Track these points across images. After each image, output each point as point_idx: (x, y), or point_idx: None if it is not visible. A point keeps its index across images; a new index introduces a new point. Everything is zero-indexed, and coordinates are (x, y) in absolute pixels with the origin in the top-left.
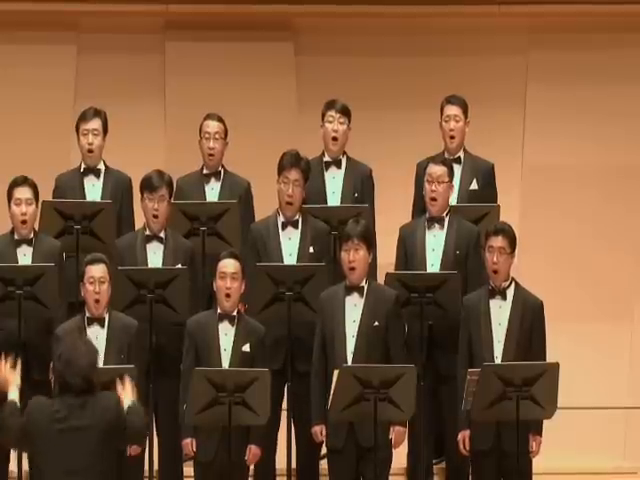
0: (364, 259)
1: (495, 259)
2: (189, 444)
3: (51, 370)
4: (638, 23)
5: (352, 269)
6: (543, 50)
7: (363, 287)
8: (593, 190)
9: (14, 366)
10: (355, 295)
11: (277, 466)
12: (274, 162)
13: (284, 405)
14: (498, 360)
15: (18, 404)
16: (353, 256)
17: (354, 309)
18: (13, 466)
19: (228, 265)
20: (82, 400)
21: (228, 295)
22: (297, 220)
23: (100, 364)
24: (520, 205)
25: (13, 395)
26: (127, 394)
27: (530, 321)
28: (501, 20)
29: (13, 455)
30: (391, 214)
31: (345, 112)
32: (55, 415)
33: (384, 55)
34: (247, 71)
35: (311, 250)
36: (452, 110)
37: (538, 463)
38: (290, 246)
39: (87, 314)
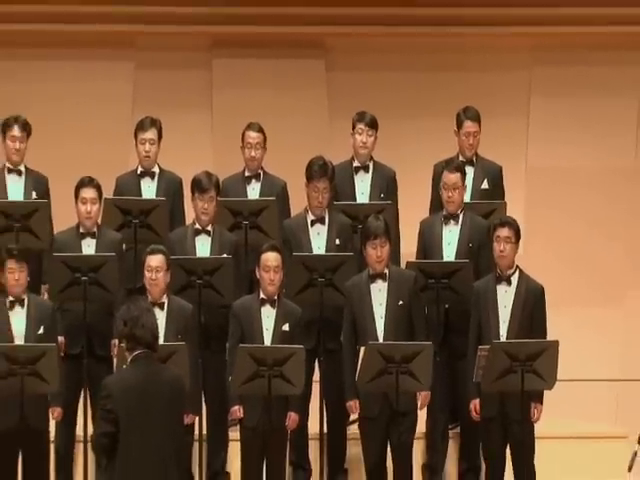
0: (388, 252)
1: (502, 247)
2: (237, 410)
3: (112, 346)
4: (631, 42)
5: (380, 262)
6: (545, 66)
7: (385, 273)
8: (589, 189)
9: None
10: (379, 281)
11: (309, 431)
12: (303, 164)
13: (315, 378)
14: (503, 338)
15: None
16: (380, 252)
17: (379, 293)
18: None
19: (271, 259)
20: (157, 366)
21: (271, 284)
22: (324, 217)
23: (160, 342)
24: (524, 202)
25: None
26: None
27: (532, 304)
28: (507, 40)
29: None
30: (411, 209)
31: (373, 124)
32: (134, 380)
33: (404, 70)
34: (284, 85)
35: (337, 242)
36: (471, 127)
37: (539, 428)
38: (319, 240)
39: (149, 299)
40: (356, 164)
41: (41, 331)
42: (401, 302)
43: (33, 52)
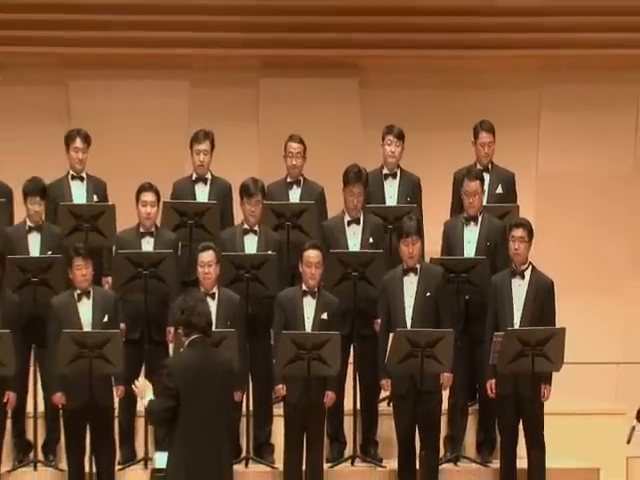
0: (419, 249)
1: (517, 246)
2: (280, 389)
3: (167, 333)
4: (629, 64)
5: (411, 258)
6: (553, 84)
7: (417, 268)
8: (592, 192)
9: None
10: (411, 275)
11: (345, 407)
12: (340, 172)
13: (350, 360)
14: (517, 326)
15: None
16: (412, 249)
17: (410, 286)
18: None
19: (312, 255)
20: (210, 349)
21: (312, 277)
22: (359, 218)
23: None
24: (535, 204)
25: (149, 397)
26: None
27: (543, 296)
28: (519, 61)
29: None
30: (434, 211)
31: (400, 136)
32: (191, 361)
33: (428, 88)
34: (322, 100)
35: (370, 241)
36: (486, 138)
37: (548, 406)
38: (354, 238)
39: (202, 290)
40: (385, 171)
41: (106, 319)
42: (429, 294)
43: (105, 72)
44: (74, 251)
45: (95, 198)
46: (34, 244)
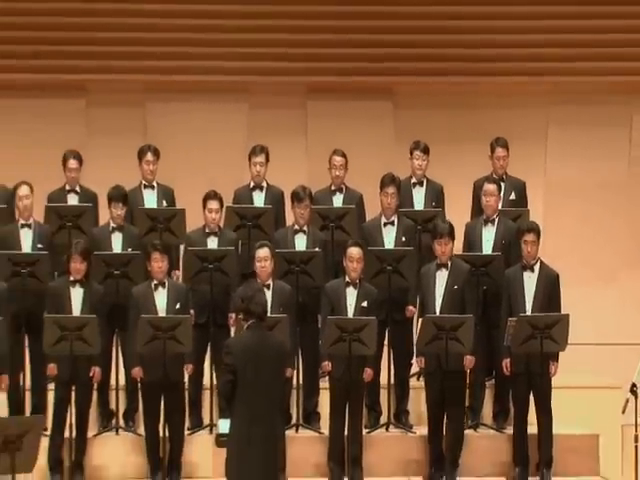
0: (450, 248)
1: (529, 248)
2: (326, 365)
3: (229, 318)
4: (624, 88)
5: (443, 255)
6: (559, 105)
7: (448, 264)
8: (592, 197)
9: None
10: (443, 270)
11: (381, 382)
12: (378, 181)
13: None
14: (528, 312)
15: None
16: (444, 248)
17: (441, 279)
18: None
19: (354, 252)
20: (266, 332)
21: (354, 271)
22: (394, 220)
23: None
24: (542, 208)
25: None
26: None
27: (550, 287)
28: (530, 86)
29: None
30: (456, 215)
31: (426, 151)
32: (249, 342)
33: (452, 108)
34: (361, 120)
35: (403, 239)
36: (501, 153)
37: (555, 380)
38: (389, 237)
39: (259, 281)
40: (414, 180)
41: (178, 306)
42: (456, 287)
43: (177, 96)
44: (152, 247)
45: (164, 203)
46: (116, 242)
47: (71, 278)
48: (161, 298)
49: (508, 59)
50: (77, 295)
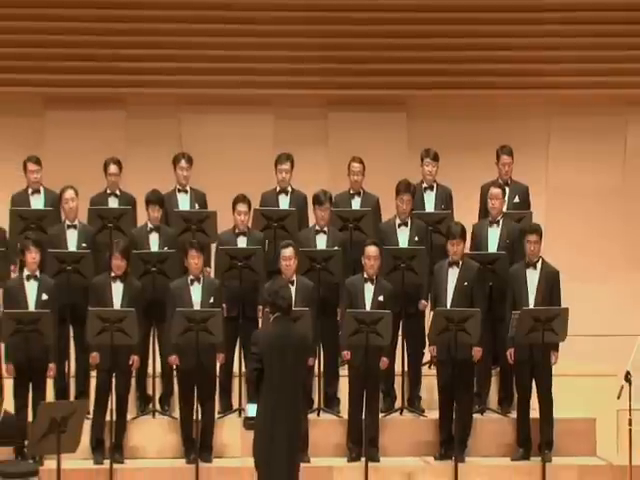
0: (462, 248)
1: (532, 248)
2: (346, 354)
3: (258, 311)
4: (618, 100)
5: (455, 254)
6: (559, 116)
7: (459, 262)
8: (590, 201)
9: None
10: (454, 267)
11: (395, 370)
12: (392, 185)
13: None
14: (531, 306)
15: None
16: (456, 248)
17: (453, 276)
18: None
19: (372, 250)
20: (290, 324)
21: (372, 267)
22: (407, 221)
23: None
24: (544, 211)
25: None
26: None
27: (551, 283)
28: (533, 98)
29: None
30: (463, 217)
31: (435, 158)
32: (274, 333)
33: (460, 119)
34: (377, 129)
35: (415, 239)
36: (506, 160)
37: (555, 368)
38: (403, 237)
39: (284, 278)
40: (425, 185)
41: (212, 300)
42: (466, 284)
43: (209, 108)
44: (190, 244)
45: (197, 206)
46: (153, 242)
47: (112, 274)
48: (196, 292)
49: (512, 74)
50: (117, 290)
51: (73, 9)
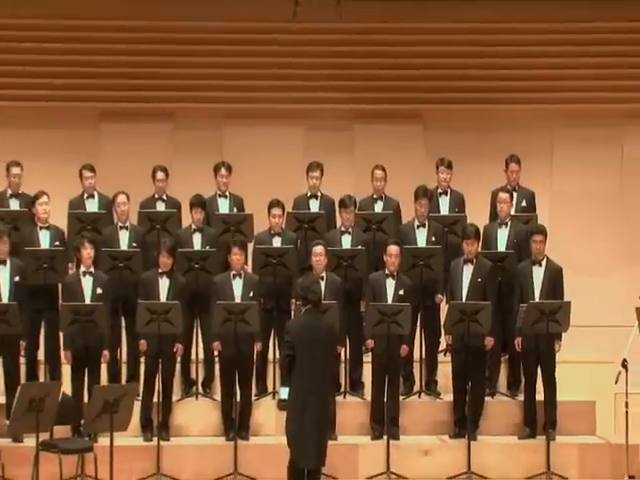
0: (476, 248)
1: (538, 247)
2: (370, 343)
3: (291, 304)
4: (616, 113)
5: (470, 253)
6: (563, 128)
7: (473, 260)
8: (591, 204)
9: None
10: (469, 264)
11: (414, 357)
12: (411, 191)
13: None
14: (537, 300)
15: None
16: (471, 247)
17: (467, 272)
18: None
19: (393, 249)
20: (319, 316)
21: (393, 265)
22: (425, 223)
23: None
24: (549, 214)
25: None
26: None
27: (555, 278)
28: (538, 112)
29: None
30: (475, 219)
31: (449, 166)
32: (305, 323)
33: (472, 131)
34: (398, 140)
35: (433, 239)
36: (514, 167)
37: (559, 356)
38: (421, 237)
39: (315, 274)
40: (440, 190)
41: (251, 294)
42: (479, 280)
43: (247, 121)
44: (233, 242)
45: (235, 210)
46: (197, 241)
47: (160, 270)
48: (238, 286)
49: (520, 90)
50: (164, 284)
51: (125, 33)
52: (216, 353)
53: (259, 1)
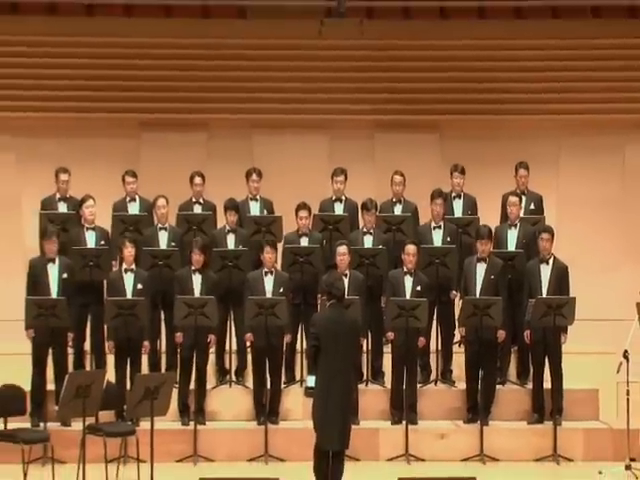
0: (489, 247)
1: (545, 245)
2: (389, 335)
3: (318, 299)
4: (617, 124)
5: (483, 252)
6: (569, 137)
7: (486, 258)
8: (595, 208)
9: None
10: (482, 263)
11: (431, 348)
12: (428, 194)
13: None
14: (544, 295)
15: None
16: (484, 246)
17: (481, 270)
18: None
19: (411, 248)
20: (343, 310)
21: (410, 262)
22: (441, 224)
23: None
24: (555, 217)
25: None
26: None
27: (561, 276)
28: (546, 123)
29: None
30: (487, 220)
31: (463, 172)
32: (330, 317)
33: (485, 139)
34: (415, 147)
35: (448, 239)
36: (523, 173)
37: (565, 348)
38: (437, 237)
39: (338, 271)
40: (454, 194)
41: (281, 290)
42: (492, 277)
43: (276, 130)
44: (266, 242)
45: (265, 212)
46: (230, 241)
47: (192, 267)
48: (269, 283)
49: (528, 102)
50: (197, 280)
51: (165, 50)
52: (248, 344)
53: (288, 21)
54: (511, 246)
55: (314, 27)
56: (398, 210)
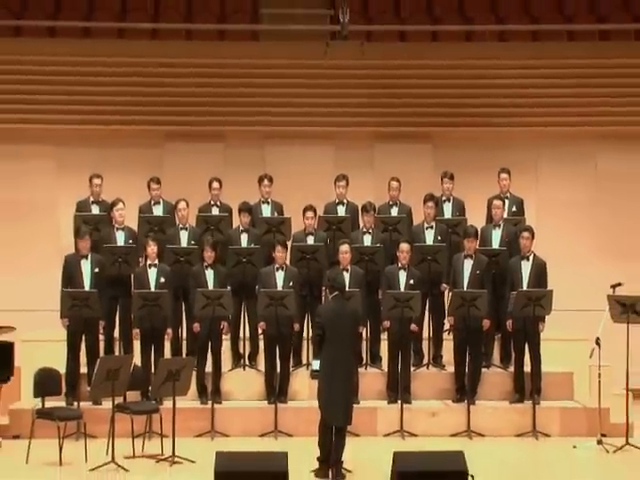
0: (475, 245)
1: (525, 243)
2: (386, 324)
3: (322, 291)
4: (590, 134)
5: (470, 249)
6: (547, 147)
7: (472, 255)
8: (570, 209)
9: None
10: (469, 259)
11: (423, 335)
12: (422, 198)
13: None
14: (524, 288)
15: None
16: (471, 244)
17: (467, 266)
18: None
19: (405, 246)
20: (345, 301)
21: (404, 259)
22: (433, 225)
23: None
24: (535, 218)
25: None
26: None
27: (540, 271)
28: (524, 134)
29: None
30: (474, 221)
31: (452, 178)
32: (333, 308)
33: (472, 149)
34: (410, 156)
35: (439, 238)
36: (505, 179)
37: (543, 335)
38: (429, 237)
39: (341, 266)
40: (444, 198)
41: (291, 284)
42: (478, 272)
43: (286, 140)
44: (277, 241)
45: (276, 214)
46: (244, 240)
47: (205, 264)
48: (280, 277)
49: (512, 115)
50: (210, 275)
51: (186, 68)
52: (260, 332)
53: (296, 43)
54: (495, 244)
55: (320, 49)
56: (394, 212)
